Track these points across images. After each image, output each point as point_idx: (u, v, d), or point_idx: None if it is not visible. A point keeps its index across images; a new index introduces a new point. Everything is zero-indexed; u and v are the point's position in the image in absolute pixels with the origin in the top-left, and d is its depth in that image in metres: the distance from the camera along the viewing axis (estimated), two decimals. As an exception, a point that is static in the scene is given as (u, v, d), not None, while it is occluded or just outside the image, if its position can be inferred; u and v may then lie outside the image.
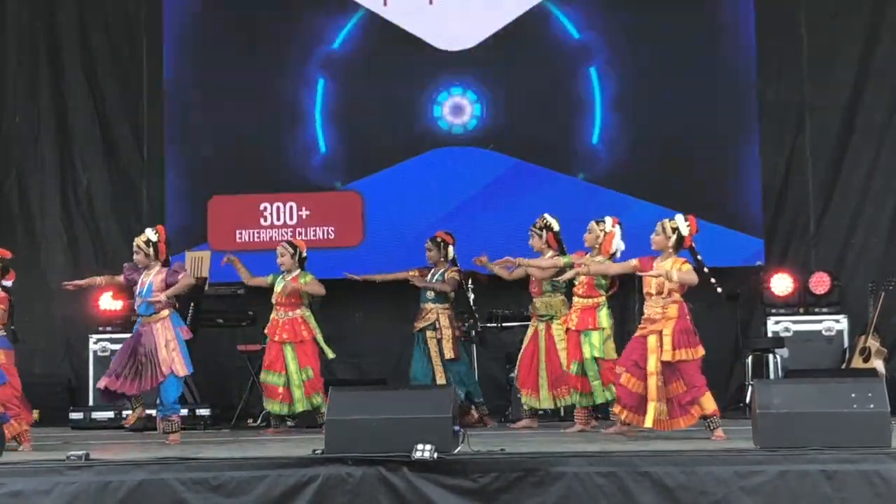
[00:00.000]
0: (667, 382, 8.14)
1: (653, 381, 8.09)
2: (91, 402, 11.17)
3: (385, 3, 12.01)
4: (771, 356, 10.94)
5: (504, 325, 11.04)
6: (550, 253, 9.65)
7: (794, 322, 11.22)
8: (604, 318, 9.17)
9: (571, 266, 9.15)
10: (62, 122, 12.47)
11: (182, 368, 8.89)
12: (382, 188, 11.91)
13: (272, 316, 10.15)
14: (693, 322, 8.25)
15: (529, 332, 9.87)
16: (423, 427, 6.72)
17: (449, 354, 10.20)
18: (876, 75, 11.72)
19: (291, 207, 11.95)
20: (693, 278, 8.16)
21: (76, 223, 12.41)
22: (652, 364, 8.12)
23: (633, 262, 8.47)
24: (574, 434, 9.09)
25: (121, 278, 9.25)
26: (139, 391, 8.91)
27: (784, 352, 10.96)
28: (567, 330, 9.32)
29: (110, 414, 10.74)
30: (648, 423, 8.09)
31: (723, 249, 11.40)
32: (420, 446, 6.61)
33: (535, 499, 6.61)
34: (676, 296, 8.22)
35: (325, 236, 11.91)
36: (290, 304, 10.08)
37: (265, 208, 11.95)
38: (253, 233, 11.93)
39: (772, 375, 10.78)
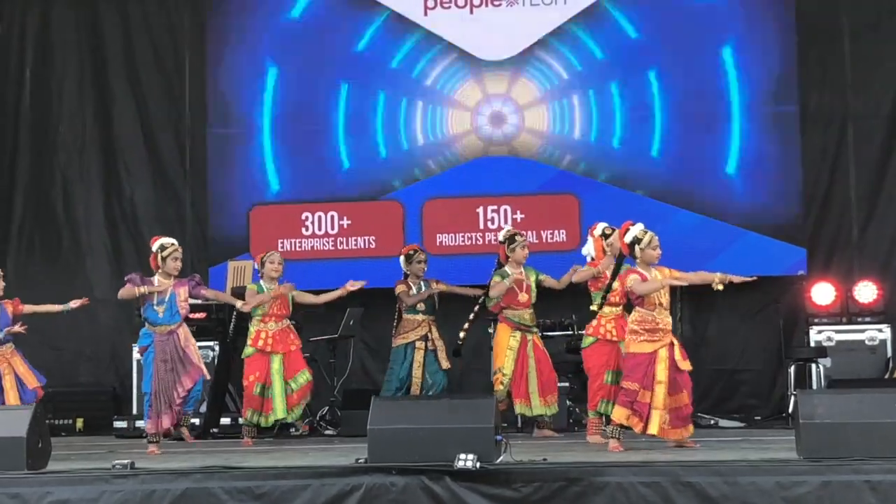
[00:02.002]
0: (672, 392, 8.15)
1: (661, 390, 8.08)
2: (135, 411, 11.20)
3: (425, 14, 12.05)
4: (814, 366, 10.86)
5: (545, 333, 10.98)
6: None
7: (837, 332, 11.16)
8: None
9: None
10: (107, 132, 12.59)
11: (206, 371, 9.13)
12: (423, 198, 11.95)
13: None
14: None
15: (514, 343, 9.78)
16: (466, 437, 6.74)
17: (445, 364, 10.31)
18: (919, 83, 11.68)
19: (333, 217, 11.98)
20: None
21: (120, 232, 12.52)
22: (662, 374, 8.10)
23: (635, 274, 8.26)
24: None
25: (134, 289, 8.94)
26: (179, 415, 9.07)
27: (827, 361, 10.89)
28: (598, 340, 9.13)
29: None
30: (654, 430, 8.07)
31: (765, 259, 11.37)
32: (462, 456, 6.63)
33: (578, 509, 6.62)
34: None
35: (367, 246, 11.93)
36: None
37: (306, 217, 12.00)
38: (294, 242, 11.97)
39: (814, 385, 10.71)
